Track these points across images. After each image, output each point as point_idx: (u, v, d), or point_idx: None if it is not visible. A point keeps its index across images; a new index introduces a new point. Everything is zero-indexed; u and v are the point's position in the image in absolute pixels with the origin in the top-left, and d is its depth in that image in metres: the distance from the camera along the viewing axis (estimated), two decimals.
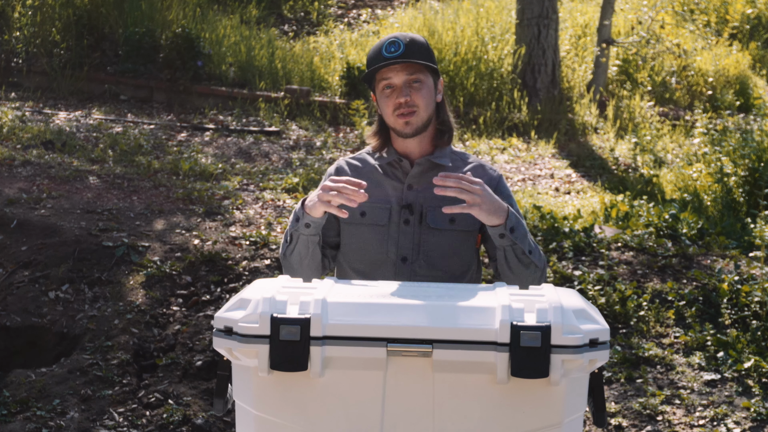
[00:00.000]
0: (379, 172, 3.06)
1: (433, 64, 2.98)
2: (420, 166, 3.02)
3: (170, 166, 8.16)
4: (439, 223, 2.98)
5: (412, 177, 3.02)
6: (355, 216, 3.01)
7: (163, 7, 11.50)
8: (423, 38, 3.00)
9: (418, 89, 2.95)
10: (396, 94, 2.96)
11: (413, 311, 2.39)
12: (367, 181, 2.98)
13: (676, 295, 5.85)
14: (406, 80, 2.95)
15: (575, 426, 2.44)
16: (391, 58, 2.92)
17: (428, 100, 2.98)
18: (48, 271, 6.00)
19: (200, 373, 5.27)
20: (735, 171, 7.90)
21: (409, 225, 2.99)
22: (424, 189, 3.01)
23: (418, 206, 3.00)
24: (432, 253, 2.97)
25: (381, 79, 2.97)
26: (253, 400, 2.41)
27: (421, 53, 2.95)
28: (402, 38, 2.95)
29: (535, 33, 10.80)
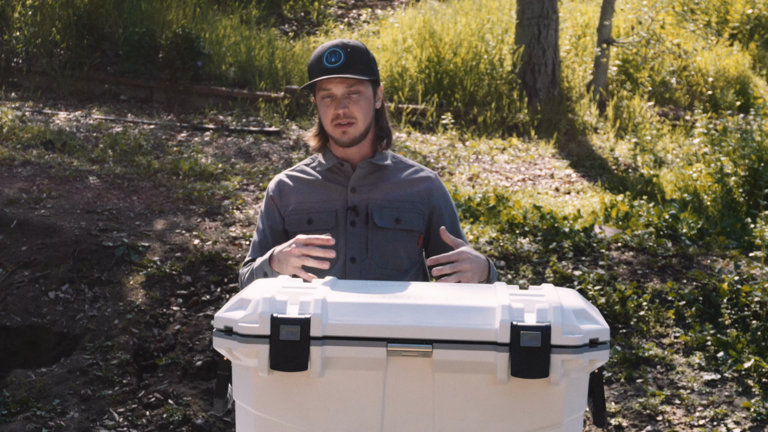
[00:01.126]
0: (320, 179, 3.12)
1: (373, 76, 3.04)
2: (362, 169, 3.09)
3: (170, 166, 8.16)
4: (386, 222, 3.05)
5: (355, 180, 3.09)
6: (302, 225, 3.07)
7: (163, 7, 11.49)
8: (363, 46, 3.07)
9: (357, 101, 3.02)
10: (335, 105, 3.02)
11: (413, 311, 2.39)
12: (309, 190, 3.09)
13: (676, 295, 5.85)
14: (345, 92, 3.01)
15: (575, 426, 2.44)
16: (332, 69, 2.98)
17: (366, 111, 3.05)
18: (48, 271, 6.00)
19: (200, 373, 5.27)
20: (735, 171, 7.90)
21: (355, 226, 3.05)
22: (369, 190, 3.08)
23: (363, 207, 3.06)
24: (380, 252, 3.04)
25: (321, 88, 3.04)
26: (253, 400, 2.41)
27: (361, 64, 3.01)
28: (342, 48, 3.01)
29: (535, 33, 10.80)
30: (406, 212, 3.07)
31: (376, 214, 3.05)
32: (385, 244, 3.03)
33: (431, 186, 3.14)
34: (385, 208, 3.06)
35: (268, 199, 3.16)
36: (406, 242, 3.06)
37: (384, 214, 3.05)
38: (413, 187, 3.12)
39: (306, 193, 3.11)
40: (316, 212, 3.07)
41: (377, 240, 3.04)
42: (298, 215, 3.08)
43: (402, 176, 3.13)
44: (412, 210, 3.08)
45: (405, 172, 3.14)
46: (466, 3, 12.40)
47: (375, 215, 3.05)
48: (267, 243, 3.11)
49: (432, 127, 10.13)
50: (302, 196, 3.11)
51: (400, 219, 3.06)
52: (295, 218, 3.08)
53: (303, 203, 3.09)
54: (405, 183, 3.12)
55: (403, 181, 3.12)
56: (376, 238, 3.04)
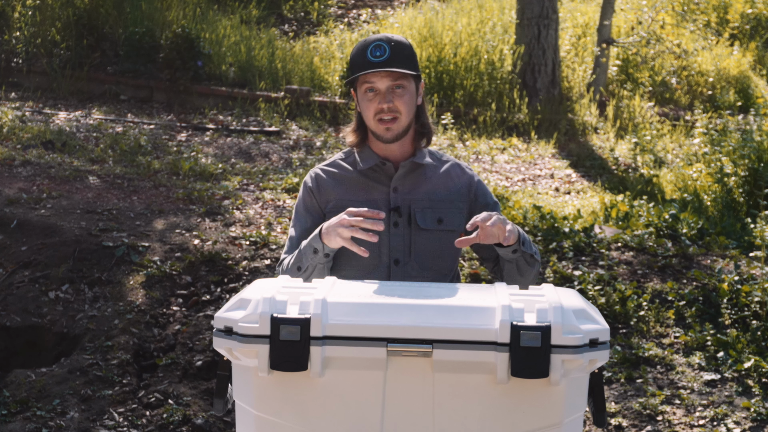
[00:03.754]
0: (360, 177, 3.07)
1: (416, 71, 3.00)
2: (404, 168, 3.05)
3: (170, 166, 8.16)
4: (428, 223, 3.01)
5: (397, 179, 3.05)
6: None
7: (163, 7, 11.50)
8: (407, 41, 3.03)
9: (401, 95, 2.98)
10: (379, 99, 2.98)
11: (413, 311, 2.39)
12: (349, 187, 3.03)
13: (676, 295, 5.85)
14: (389, 86, 2.97)
15: (575, 426, 2.44)
16: (377, 62, 2.95)
17: (410, 106, 3.00)
18: (48, 271, 6.00)
19: (200, 373, 5.27)
20: (735, 171, 7.90)
21: (398, 227, 3.01)
22: (410, 190, 3.04)
23: (406, 208, 3.02)
24: (423, 254, 3.00)
25: (364, 81, 3.00)
26: (253, 400, 2.41)
27: (406, 59, 2.98)
28: (387, 42, 2.97)
29: (535, 33, 10.80)
30: (447, 211, 3.02)
31: (419, 215, 3.00)
32: (428, 246, 2.99)
33: (470, 181, 3.09)
34: (427, 209, 3.01)
35: (306, 193, 3.09)
36: (449, 242, 3.00)
37: (426, 215, 3.01)
38: (452, 184, 3.07)
39: (346, 191, 3.05)
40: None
41: (420, 241, 2.99)
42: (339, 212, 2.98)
43: (442, 174, 3.08)
44: (452, 209, 3.04)
45: (443, 168, 3.09)
46: (466, 3, 12.40)
47: (418, 216, 3.00)
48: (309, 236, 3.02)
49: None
50: (342, 194, 3.05)
51: (442, 219, 3.02)
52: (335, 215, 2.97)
53: (344, 201, 3.02)
54: (444, 181, 3.07)
55: (442, 179, 3.07)
56: (420, 240, 2.99)
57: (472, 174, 3.12)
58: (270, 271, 6.06)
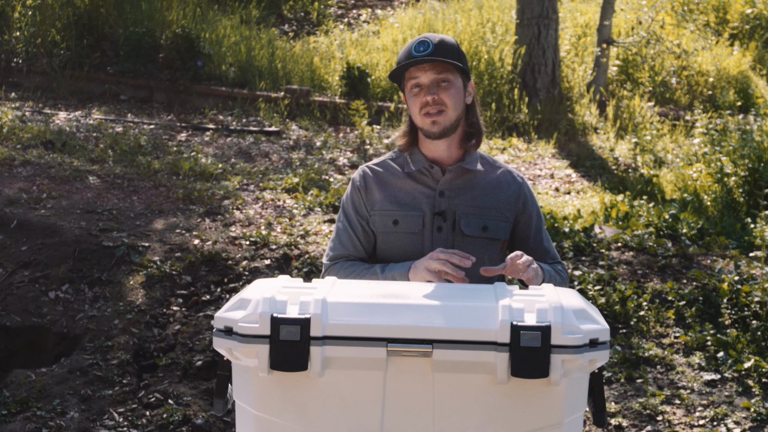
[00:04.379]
0: (407, 179, 3.04)
1: (463, 65, 2.97)
2: (452, 173, 3.02)
3: (170, 166, 8.16)
4: (473, 230, 2.99)
5: (444, 184, 3.02)
6: (388, 225, 3.00)
7: (163, 7, 11.49)
8: (454, 39, 3.01)
9: (446, 88, 2.95)
10: (423, 93, 2.95)
11: (413, 311, 2.39)
12: (395, 189, 3.01)
13: (676, 295, 5.85)
14: (434, 79, 2.94)
15: (575, 426, 2.44)
16: (420, 56, 2.92)
17: (456, 100, 2.97)
18: (48, 271, 6.00)
19: (200, 373, 5.27)
20: (735, 171, 7.90)
21: (442, 232, 2.98)
22: (457, 196, 3.01)
23: (451, 213, 2.99)
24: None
25: (410, 78, 2.97)
26: (253, 400, 2.41)
27: (451, 53, 2.95)
28: (432, 38, 2.95)
29: (535, 33, 10.80)
30: (493, 220, 3.00)
31: (464, 221, 2.98)
32: (471, 252, 2.94)
33: (519, 192, 3.06)
34: (472, 216, 2.99)
35: (354, 191, 3.07)
36: (491, 250, 3.00)
37: (471, 221, 2.98)
38: (501, 193, 3.04)
39: (392, 192, 3.03)
40: (402, 213, 3.00)
41: (463, 248, 2.96)
42: (383, 214, 3.01)
43: (491, 181, 3.05)
44: (498, 218, 3.01)
45: (493, 175, 3.06)
46: (466, 3, 12.40)
47: (462, 223, 2.98)
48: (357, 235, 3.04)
49: None
50: (388, 195, 3.03)
51: (487, 227, 2.99)
52: (380, 217, 3.01)
53: (389, 202, 3.01)
54: (493, 188, 3.04)
55: (491, 186, 3.04)
56: (463, 246, 2.96)
57: (522, 183, 3.09)
58: (270, 271, 6.06)
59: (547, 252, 3.09)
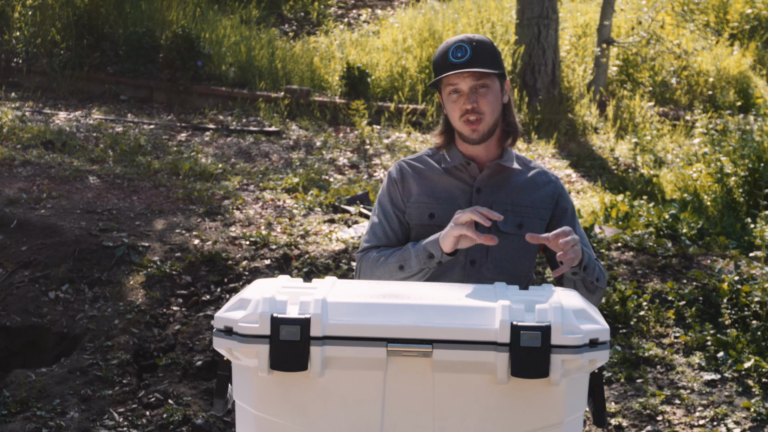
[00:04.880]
0: (444, 174, 3.06)
1: (499, 69, 2.98)
2: (489, 170, 3.03)
3: (170, 166, 8.16)
4: (509, 227, 2.99)
5: (481, 180, 3.03)
6: (424, 218, 3.01)
7: (163, 7, 11.50)
8: (489, 40, 3.01)
9: (485, 95, 2.97)
10: (463, 100, 2.96)
11: (413, 311, 2.39)
12: (432, 183, 3.03)
13: (676, 295, 5.85)
14: (472, 86, 2.96)
15: (575, 426, 2.44)
16: (459, 64, 2.93)
17: (494, 105, 2.99)
18: (48, 271, 6.00)
19: (200, 373, 5.27)
20: (735, 171, 7.90)
21: (478, 228, 2.97)
22: (493, 192, 3.02)
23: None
24: (500, 257, 2.98)
25: (448, 84, 2.98)
26: (253, 400, 2.41)
27: (488, 58, 2.96)
28: (468, 43, 2.96)
29: (535, 33, 10.80)
30: (529, 218, 3.00)
31: None
32: (506, 249, 2.97)
33: (554, 191, 3.07)
34: (508, 213, 2.99)
35: (390, 184, 3.08)
36: (527, 248, 3.00)
37: (507, 219, 2.98)
38: (537, 191, 3.05)
39: (428, 186, 3.04)
40: (438, 208, 3.00)
41: (499, 245, 2.95)
42: (419, 208, 3.01)
43: (527, 180, 3.06)
44: (534, 216, 3.02)
45: (528, 175, 3.07)
46: (466, 3, 12.40)
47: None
48: (392, 227, 3.04)
49: (432, 127, 10.13)
50: (425, 188, 3.04)
51: (523, 224, 2.99)
52: (416, 210, 3.01)
53: (425, 196, 3.02)
54: (529, 187, 3.05)
55: (527, 184, 3.05)
56: (499, 243, 2.95)
57: (557, 182, 3.10)
58: (270, 271, 6.06)
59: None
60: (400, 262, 2.95)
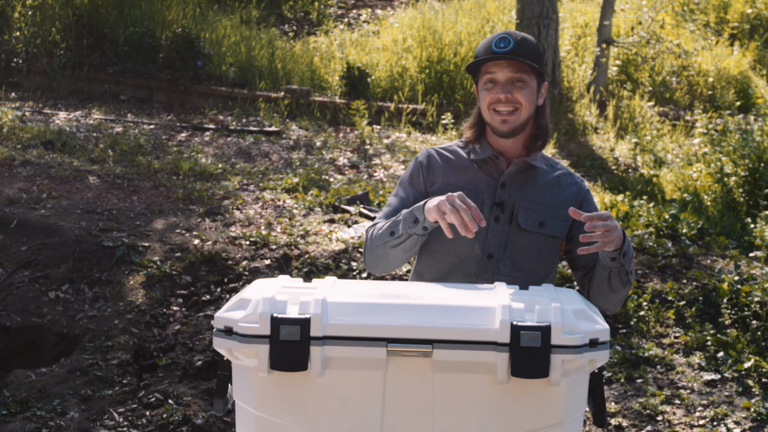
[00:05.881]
0: (472, 165, 3.05)
1: (540, 67, 2.98)
2: (516, 166, 3.03)
3: (170, 166, 8.16)
4: (530, 224, 2.98)
5: (507, 175, 3.02)
6: None
7: (163, 7, 11.50)
8: (534, 39, 3.01)
9: (521, 88, 2.96)
10: (497, 90, 2.96)
11: (413, 311, 2.39)
12: (459, 173, 3.02)
13: (676, 295, 5.85)
14: (510, 77, 2.95)
15: (575, 426, 2.44)
16: (501, 53, 2.93)
17: (530, 100, 2.98)
18: (48, 271, 6.00)
19: (200, 373, 5.27)
20: (735, 171, 7.90)
21: (499, 223, 2.98)
22: (518, 188, 3.01)
23: (510, 205, 2.99)
24: (518, 254, 2.97)
25: (485, 72, 2.98)
26: (253, 400, 2.41)
27: (530, 54, 2.95)
28: (514, 36, 2.96)
29: (535, 33, 10.80)
30: (551, 217, 2.99)
31: (522, 214, 2.98)
32: (525, 246, 2.96)
33: (578, 192, 3.06)
34: (530, 210, 2.99)
35: (416, 167, 3.08)
36: (548, 248, 2.99)
37: (529, 216, 2.98)
38: (562, 192, 3.04)
39: (454, 175, 3.03)
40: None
41: (518, 241, 2.96)
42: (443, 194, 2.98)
43: (552, 180, 3.05)
44: (556, 216, 3.00)
45: (554, 174, 3.07)
46: (466, 3, 12.40)
47: (520, 216, 2.97)
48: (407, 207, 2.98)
49: (432, 127, 10.13)
50: (450, 178, 3.03)
51: (544, 223, 2.99)
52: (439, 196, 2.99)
53: (450, 185, 3.01)
54: (554, 187, 3.04)
55: (552, 185, 3.04)
56: (517, 239, 2.96)
57: (581, 184, 3.09)
58: (270, 271, 6.06)
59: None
60: (391, 228, 2.93)
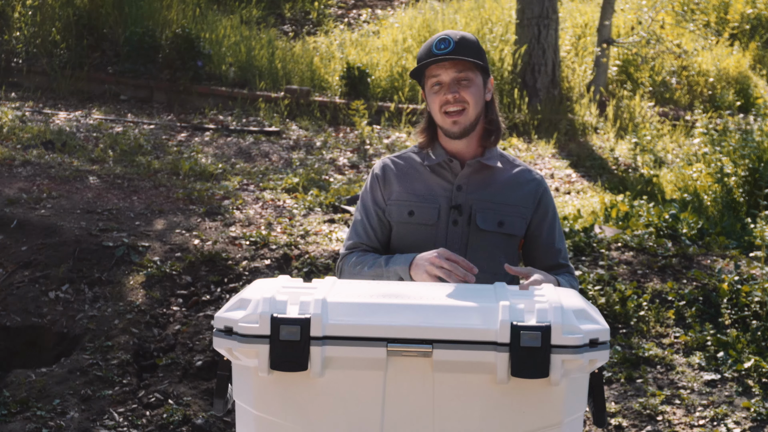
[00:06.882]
0: (426, 172, 3.06)
1: (483, 62, 2.98)
2: (470, 167, 3.03)
3: (170, 166, 8.16)
4: (488, 224, 2.99)
5: (462, 178, 3.03)
6: (404, 215, 3.02)
7: (163, 7, 11.50)
8: (474, 36, 3.01)
9: (467, 86, 2.96)
10: (444, 91, 2.96)
11: (413, 311, 2.39)
12: (414, 180, 3.03)
13: (676, 295, 5.85)
14: (454, 77, 2.95)
15: (575, 426, 2.44)
16: (441, 55, 2.93)
17: (477, 98, 2.98)
18: (48, 271, 6.00)
19: (200, 373, 5.27)
20: (735, 171, 7.90)
21: (457, 226, 2.99)
22: (474, 190, 3.02)
23: (468, 207, 3.00)
24: (479, 254, 2.98)
25: (430, 76, 2.98)
26: (253, 400, 2.41)
27: (471, 51, 2.96)
28: (453, 36, 2.96)
29: (535, 33, 10.80)
30: (509, 216, 3.00)
31: (480, 216, 2.99)
32: (485, 247, 2.97)
33: (537, 189, 3.06)
34: (488, 211, 2.99)
35: (373, 181, 3.10)
36: (507, 246, 3.00)
37: (487, 216, 2.99)
38: (519, 190, 3.05)
39: (410, 183, 3.05)
40: (418, 204, 3.01)
41: (477, 242, 2.97)
42: (400, 205, 3.02)
43: (509, 178, 3.06)
44: (515, 214, 3.01)
45: (513, 172, 3.07)
46: (466, 3, 12.40)
47: (478, 217, 2.99)
48: (372, 225, 3.06)
49: None
50: (406, 186, 3.05)
51: (503, 222, 3.00)
52: (396, 207, 3.03)
53: (406, 193, 3.03)
54: (512, 185, 3.05)
55: (510, 183, 3.05)
56: (477, 240, 2.98)
57: (540, 181, 3.09)
58: (270, 271, 6.06)
59: (558, 252, 3.09)
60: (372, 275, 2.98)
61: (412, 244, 3.01)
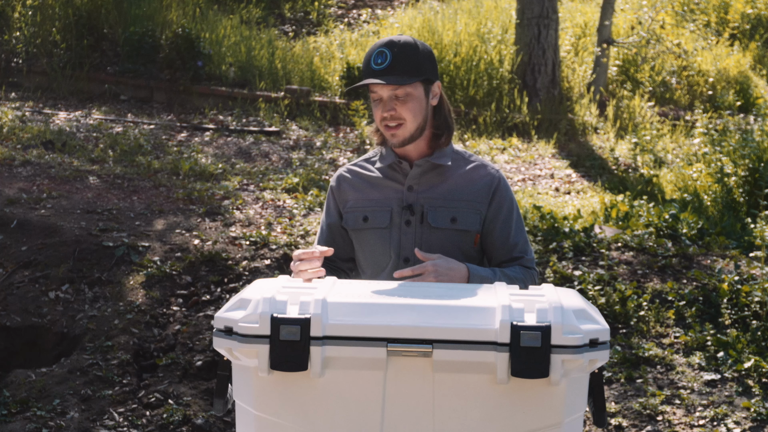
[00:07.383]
0: (379, 176, 3.08)
1: (421, 76, 2.95)
2: (419, 167, 3.03)
3: (170, 166, 8.16)
4: (440, 222, 2.99)
5: (411, 178, 3.04)
6: (359, 222, 3.04)
7: (163, 7, 11.50)
8: (413, 43, 2.96)
9: (405, 102, 2.95)
10: (382, 108, 2.96)
11: (413, 311, 2.39)
12: (368, 186, 3.06)
13: (676, 295, 5.85)
14: (391, 95, 2.95)
15: (575, 426, 2.44)
16: (378, 71, 2.92)
17: (416, 112, 2.97)
18: (48, 271, 6.00)
19: (200, 373, 5.27)
20: (735, 171, 7.90)
21: (410, 226, 3.00)
22: (425, 190, 3.03)
23: (419, 207, 3.01)
24: (434, 252, 2.97)
25: (371, 90, 2.99)
26: (253, 400, 2.41)
27: (409, 64, 2.93)
28: (391, 48, 2.93)
29: (535, 33, 10.80)
30: (463, 212, 3.00)
31: (431, 214, 2.99)
32: (440, 245, 2.97)
33: (491, 183, 3.04)
34: (440, 208, 2.99)
35: (329, 194, 3.14)
36: (462, 242, 3.00)
37: (439, 214, 2.99)
38: (473, 185, 3.04)
39: (364, 190, 3.07)
40: (372, 210, 3.03)
41: (432, 240, 2.98)
42: (355, 212, 3.05)
43: (462, 174, 3.05)
44: (469, 209, 3.01)
45: (465, 169, 3.06)
46: (466, 3, 12.40)
47: (429, 215, 2.99)
48: (325, 238, 3.11)
49: None
50: (360, 193, 3.07)
51: (456, 218, 2.99)
52: (352, 215, 3.05)
53: (360, 200, 3.06)
54: (464, 181, 3.04)
55: (462, 179, 3.04)
56: (431, 239, 2.98)
57: (495, 175, 3.07)
58: (270, 271, 6.06)
59: (514, 246, 3.05)
60: None
61: (368, 249, 3.04)
